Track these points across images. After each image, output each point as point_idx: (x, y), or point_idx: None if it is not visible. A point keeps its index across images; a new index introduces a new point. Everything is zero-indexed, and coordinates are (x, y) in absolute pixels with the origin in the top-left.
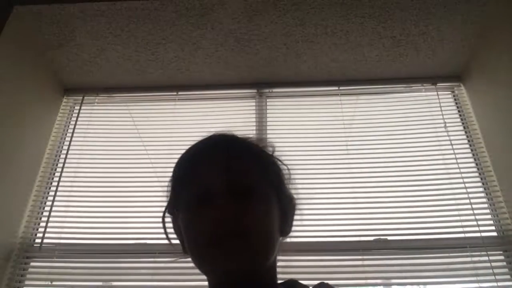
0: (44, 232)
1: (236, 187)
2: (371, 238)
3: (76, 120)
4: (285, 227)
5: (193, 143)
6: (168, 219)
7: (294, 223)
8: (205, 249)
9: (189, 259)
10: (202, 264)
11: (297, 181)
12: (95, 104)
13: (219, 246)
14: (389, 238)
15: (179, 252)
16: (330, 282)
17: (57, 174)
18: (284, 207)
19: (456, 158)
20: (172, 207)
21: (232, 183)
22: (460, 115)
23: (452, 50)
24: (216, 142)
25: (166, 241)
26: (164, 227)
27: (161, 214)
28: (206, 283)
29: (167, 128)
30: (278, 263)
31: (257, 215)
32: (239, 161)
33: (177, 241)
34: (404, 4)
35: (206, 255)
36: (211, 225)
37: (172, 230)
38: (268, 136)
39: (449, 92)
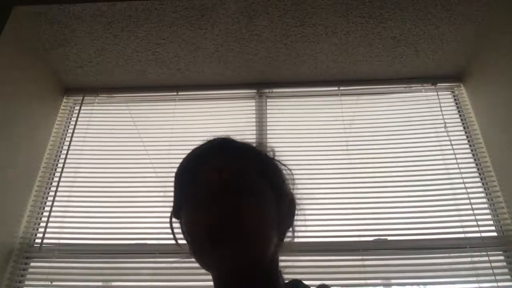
0: (44, 232)
1: (233, 186)
2: (371, 238)
3: (76, 120)
4: (285, 226)
5: (192, 143)
6: (174, 220)
7: (296, 223)
8: (204, 246)
9: (192, 259)
10: (204, 261)
11: (297, 181)
12: (95, 104)
13: (217, 243)
14: (389, 238)
15: (180, 252)
16: (330, 282)
17: (57, 174)
18: (283, 206)
19: (456, 158)
20: (177, 211)
21: (229, 182)
22: (460, 115)
23: (452, 50)
24: (213, 145)
25: (166, 242)
26: (172, 230)
27: (162, 215)
28: (205, 283)
29: (167, 128)
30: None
31: (253, 213)
32: (235, 161)
33: (184, 242)
34: (404, 4)
35: (206, 252)
36: (209, 223)
37: (177, 231)
38: (268, 136)
39: (449, 92)
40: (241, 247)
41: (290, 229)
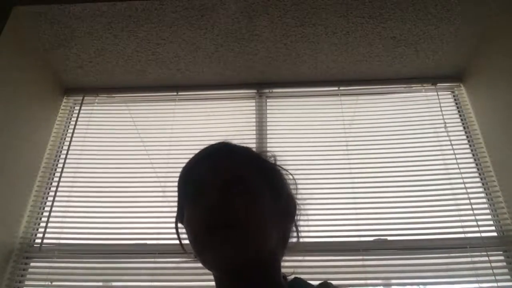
0: (44, 232)
1: (231, 186)
2: (371, 238)
3: (76, 120)
4: (285, 226)
5: (192, 143)
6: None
7: (299, 223)
8: (202, 239)
9: (191, 260)
10: (204, 260)
11: (297, 181)
12: (95, 104)
13: (214, 235)
14: (389, 238)
15: (180, 252)
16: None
17: (57, 174)
18: (282, 207)
19: (456, 158)
20: (182, 215)
21: (227, 182)
22: (460, 115)
23: (452, 50)
24: (213, 149)
25: (166, 242)
26: (177, 232)
27: (161, 215)
28: (205, 283)
29: (167, 128)
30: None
31: (250, 212)
32: (233, 162)
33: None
34: (404, 4)
35: (204, 245)
36: (205, 216)
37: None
38: (268, 136)
39: (449, 92)
40: (238, 246)
41: (293, 229)
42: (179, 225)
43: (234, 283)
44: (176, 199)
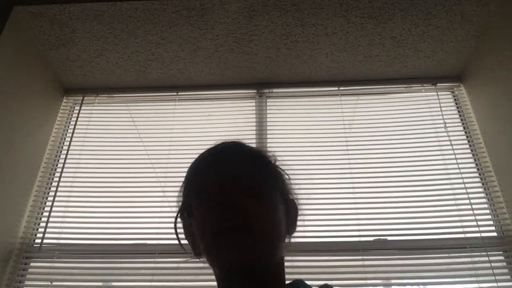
0: (44, 232)
1: (247, 190)
2: (371, 238)
3: (76, 120)
4: (292, 230)
5: (192, 143)
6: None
7: (298, 223)
8: (210, 241)
9: (192, 260)
10: (210, 255)
11: (297, 181)
12: (95, 104)
13: (222, 238)
14: (389, 238)
15: (180, 252)
16: (330, 282)
17: (57, 174)
18: (290, 211)
19: (456, 158)
20: (184, 212)
21: (242, 186)
22: (460, 115)
23: (452, 50)
24: (226, 148)
25: (166, 242)
26: (176, 231)
27: (161, 215)
28: (206, 283)
29: (167, 128)
30: None
31: (265, 216)
32: (249, 165)
33: (186, 242)
34: (404, 4)
35: (213, 245)
36: (212, 218)
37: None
38: (268, 136)
39: (449, 92)
40: (247, 241)
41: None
42: (178, 225)
43: (238, 284)
44: (176, 199)
